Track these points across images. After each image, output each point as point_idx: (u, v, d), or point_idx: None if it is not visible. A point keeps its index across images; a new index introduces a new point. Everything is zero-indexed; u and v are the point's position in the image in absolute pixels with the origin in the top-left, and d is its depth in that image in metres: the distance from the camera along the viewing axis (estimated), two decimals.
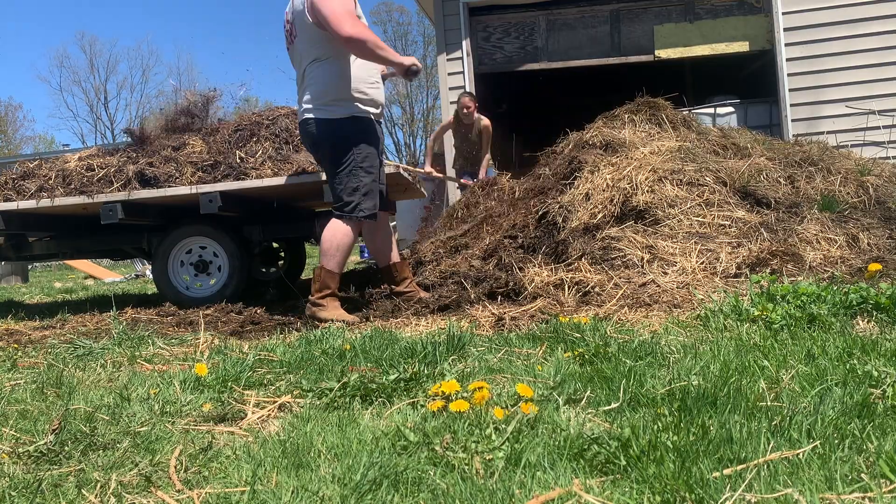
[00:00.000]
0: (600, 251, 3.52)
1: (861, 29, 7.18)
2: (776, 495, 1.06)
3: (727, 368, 1.79)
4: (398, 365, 2.03)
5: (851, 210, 3.91)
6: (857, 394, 1.50)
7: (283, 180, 4.35)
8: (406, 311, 3.43)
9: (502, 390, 1.74)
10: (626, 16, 7.80)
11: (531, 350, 2.28)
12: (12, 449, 1.51)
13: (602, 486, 1.16)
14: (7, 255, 5.31)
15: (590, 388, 1.71)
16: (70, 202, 4.51)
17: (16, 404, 1.91)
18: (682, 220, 3.68)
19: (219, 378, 2.04)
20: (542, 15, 7.94)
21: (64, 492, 1.28)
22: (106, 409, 1.80)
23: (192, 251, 4.78)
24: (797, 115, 7.27)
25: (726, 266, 3.29)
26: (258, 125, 4.89)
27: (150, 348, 2.81)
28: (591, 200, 3.90)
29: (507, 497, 1.12)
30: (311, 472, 1.29)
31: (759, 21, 7.48)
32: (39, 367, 2.54)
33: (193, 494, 1.23)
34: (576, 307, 3.10)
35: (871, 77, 7.14)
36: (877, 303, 2.43)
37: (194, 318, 3.81)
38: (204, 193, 4.33)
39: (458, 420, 1.47)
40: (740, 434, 1.31)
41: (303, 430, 1.53)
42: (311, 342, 2.63)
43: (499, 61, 8.06)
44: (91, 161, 4.75)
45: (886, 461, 1.13)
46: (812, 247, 3.46)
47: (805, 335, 2.18)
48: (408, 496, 1.17)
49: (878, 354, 1.84)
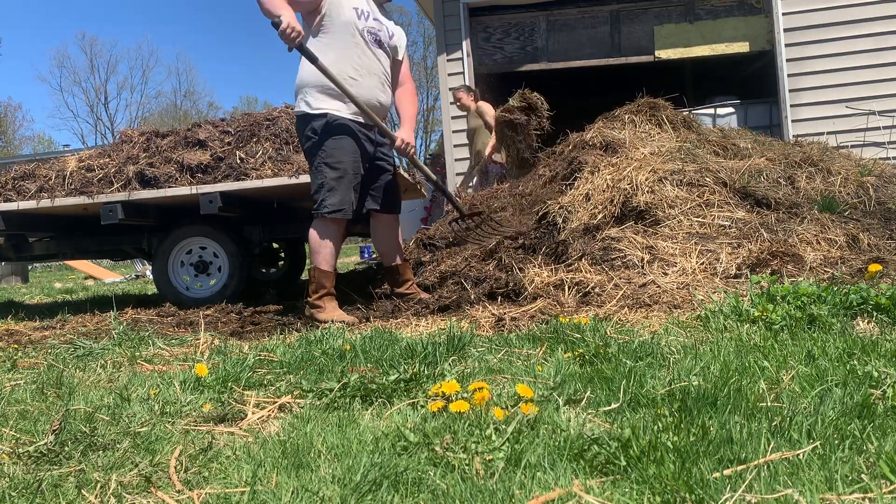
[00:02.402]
0: (600, 252, 3.52)
1: (861, 29, 7.18)
2: (776, 496, 1.06)
3: (727, 369, 1.78)
4: (398, 365, 2.03)
5: (852, 210, 3.91)
6: (858, 394, 1.50)
7: (283, 181, 4.35)
8: (406, 312, 3.43)
9: (502, 391, 1.74)
10: (626, 16, 7.81)
11: (531, 350, 2.28)
12: (12, 449, 1.51)
13: (602, 487, 1.16)
14: (7, 255, 5.32)
15: (590, 389, 1.71)
16: (70, 202, 4.51)
17: (16, 404, 1.91)
18: (682, 220, 3.67)
19: (219, 378, 2.04)
20: (542, 15, 7.94)
21: (64, 492, 1.28)
22: (106, 409, 1.80)
23: (192, 251, 4.78)
24: (797, 115, 7.27)
25: (726, 266, 3.29)
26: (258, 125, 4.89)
27: (150, 349, 2.81)
28: (592, 201, 3.90)
29: (507, 497, 1.12)
30: (311, 472, 1.29)
31: (759, 21, 7.48)
32: (39, 367, 2.54)
33: (193, 495, 1.23)
34: (576, 308, 3.10)
35: (872, 77, 7.14)
36: (877, 303, 2.43)
37: (194, 319, 3.81)
38: (204, 194, 4.34)
39: (458, 420, 1.47)
40: (740, 434, 1.31)
41: (303, 431, 1.53)
42: (311, 343, 2.63)
43: (499, 62, 8.06)
44: (91, 161, 4.76)
45: (886, 462, 1.13)
46: (812, 247, 3.45)
47: (805, 336, 2.18)
48: (408, 496, 1.17)
49: (879, 355, 1.84)
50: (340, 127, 3.40)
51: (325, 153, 3.38)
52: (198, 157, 4.59)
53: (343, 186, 3.39)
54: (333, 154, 3.38)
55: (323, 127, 3.39)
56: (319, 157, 3.39)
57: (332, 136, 3.38)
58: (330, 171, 3.38)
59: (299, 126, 3.52)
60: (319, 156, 3.39)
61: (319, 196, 3.39)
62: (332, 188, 3.37)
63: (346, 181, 3.40)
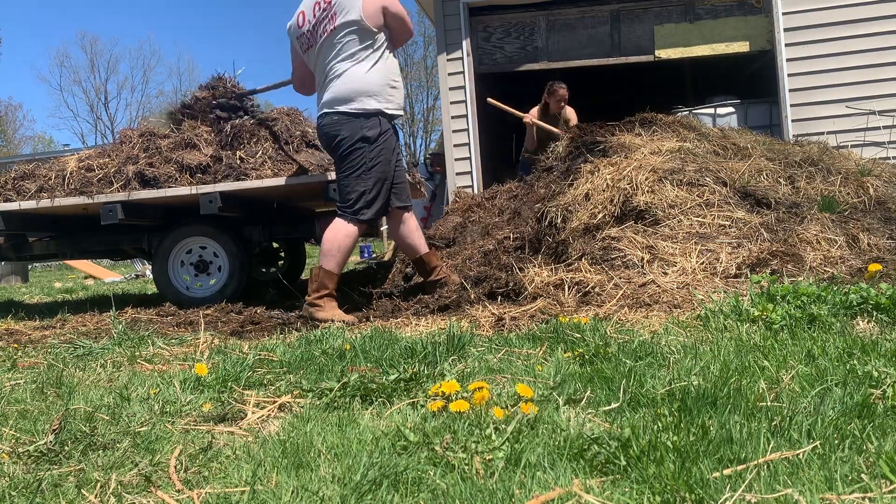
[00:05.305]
0: (600, 251, 3.52)
1: (861, 29, 7.17)
2: (776, 495, 1.06)
3: (727, 369, 1.78)
4: (398, 365, 2.03)
5: (851, 210, 3.90)
6: (857, 394, 1.50)
7: (283, 181, 4.35)
8: (406, 311, 3.43)
9: (502, 390, 1.74)
10: (626, 16, 7.80)
11: (531, 350, 2.28)
12: (12, 449, 1.51)
13: (602, 486, 1.16)
14: (7, 255, 5.31)
15: (590, 389, 1.71)
16: (70, 202, 4.51)
17: (16, 404, 1.91)
18: (682, 220, 3.67)
19: (219, 378, 2.04)
20: (542, 15, 7.93)
21: (64, 492, 1.28)
22: (106, 409, 1.80)
23: (193, 251, 4.78)
24: (797, 115, 7.26)
25: (726, 266, 3.29)
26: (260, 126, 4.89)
27: (150, 348, 2.81)
28: (591, 200, 3.90)
29: (507, 497, 1.12)
30: (311, 472, 1.29)
31: (759, 21, 7.48)
32: (39, 367, 2.54)
33: (193, 494, 1.23)
34: (576, 307, 3.10)
35: (872, 77, 7.13)
36: (877, 303, 2.43)
37: (194, 318, 3.81)
38: (204, 194, 4.33)
39: (458, 420, 1.47)
40: (740, 434, 1.31)
41: (303, 430, 1.53)
42: (311, 342, 2.63)
43: (499, 61, 8.06)
44: (91, 161, 4.76)
45: (886, 461, 1.13)
46: (812, 247, 3.45)
47: (805, 335, 2.18)
48: (408, 496, 1.17)
49: (879, 355, 1.84)
50: (388, 133, 3.47)
51: (372, 161, 3.42)
52: (198, 157, 4.59)
53: (382, 196, 3.46)
54: (380, 162, 3.43)
55: (374, 135, 3.42)
56: (366, 164, 3.41)
57: (380, 145, 3.43)
58: (374, 179, 3.42)
59: (341, 126, 3.47)
60: (365, 163, 3.41)
61: (360, 203, 3.41)
62: (374, 197, 3.43)
63: (384, 191, 3.48)
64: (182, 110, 5.02)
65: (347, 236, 3.42)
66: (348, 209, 3.43)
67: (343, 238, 3.42)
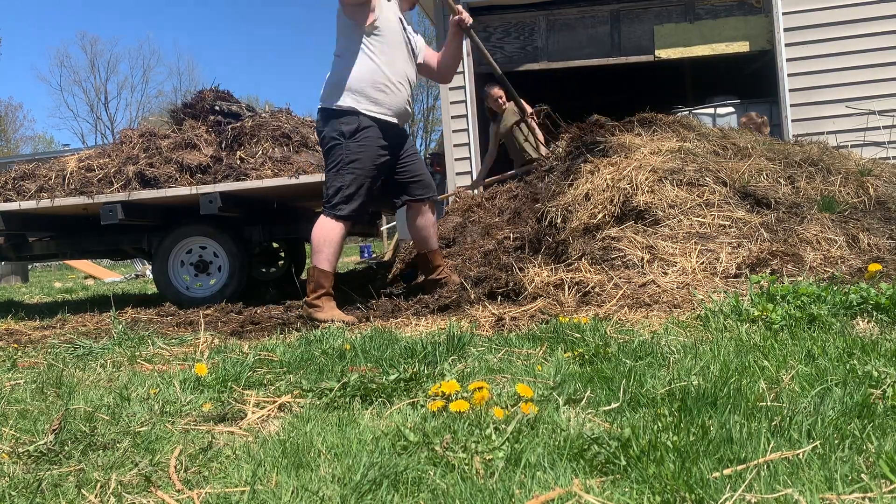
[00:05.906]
0: (600, 251, 3.52)
1: (861, 29, 7.17)
2: (776, 495, 1.06)
3: (727, 369, 1.78)
4: (398, 365, 2.03)
5: (852, 210, 3.90)
6: (857, 394, 1.50)
7: (283, 181, 4.35)
8: (406, 311, 3.43)
9: (502, 390, 1.74)
10: (626, 16, 7.80)
11: (531, 350, 2.28)
12: (12, 449, 1.51)
13: (602, 486, 1.16)
14: (7, 255, 5.32)
15: (590, 389, 1.71)
16: (70, 202, 4.51)
17: (16, 404, 1.91)
18: (682, 220, 3.67)
19: (219, 378, 2.04)
20: (542, 15, 7.93)
21: (64, 492, 1.28)
22: (106, 409, 1.80)
23: (193, 251, 4.78)
24: (797, 115, 7.26)
25: (726, 266, 3.29)
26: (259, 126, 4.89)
27: (150, 348, 2.81)
28: (591, 200, 3.90)
29: (507, 497, 1.12)
30: (311, 472, 1.29)
31: (759, 21, 7.48)
32: (39, 367, 2.54)
33: (193, 494, 1.23)
34: (576, 307, 3.10)
35: (872, 77, 7.14)
36: (877, 303, 2.43)
37: (194, 318, 3.81)
38: (204, 194, 4.34)
39: (458, 420, 1.47)
40: (740, 434, 1.31)
41: (303, 430, 1.53)
42: (311, 342, 2.63)
43: (499, 61, 8.03)
44: (91, 161, 4.76)
45: (886, 461, 1.13)
46: (812, 247, 3.45)
47: (805, 335, 2.18)
48: (408, 496, 1.17)
49: (879, 355, 1.84)
50: (369, 130, 3.42)
51: (349, 157, 3.40)
52: (198, 158, 4.59)
53: (363, 192, 3.43)
54: (359, 159, 3.40)
55: (351, 130, 3.40)
56: (343, 159, 3.40)
57: (359, 141, 3.41)
58: (351, 175, 3.40)
59: (325, 123, 3.48)
60: (343, 159, 3.40)
61: (337, 198, 3.41)
62: (352, 193, 3.41)
63: (365, 187, 3.45)
64: (184, 109, 5.03)
65: (332, 230, 3.42)
66: (327, 204, 3.45)
67: (328, 231, 3.42)
